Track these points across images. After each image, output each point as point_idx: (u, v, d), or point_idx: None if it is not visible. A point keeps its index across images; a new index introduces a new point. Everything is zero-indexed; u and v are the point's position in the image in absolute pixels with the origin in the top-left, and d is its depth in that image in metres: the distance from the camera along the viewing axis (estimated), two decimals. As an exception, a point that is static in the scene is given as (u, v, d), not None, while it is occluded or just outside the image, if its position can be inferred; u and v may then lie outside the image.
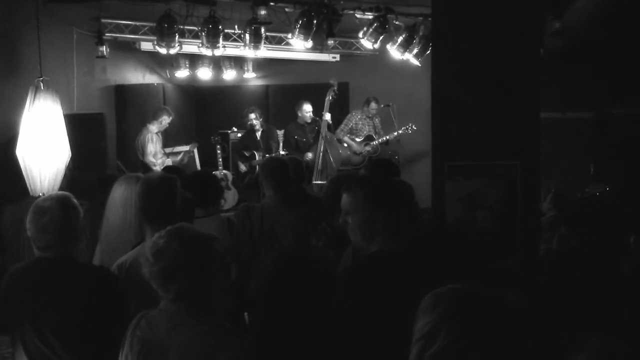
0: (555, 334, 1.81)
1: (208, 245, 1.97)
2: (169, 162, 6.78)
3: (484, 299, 1.29)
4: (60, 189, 4.74)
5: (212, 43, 6.18)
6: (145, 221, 2.64)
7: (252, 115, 6.98)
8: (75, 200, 2.38)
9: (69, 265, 2.33)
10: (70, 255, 2.34)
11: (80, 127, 5.81)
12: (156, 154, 6.71)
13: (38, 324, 2.24)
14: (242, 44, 6.69)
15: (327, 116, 7.02)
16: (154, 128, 6.74)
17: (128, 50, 7.30)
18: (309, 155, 6.97)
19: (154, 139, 6.71)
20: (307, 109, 7.10)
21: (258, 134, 7.06)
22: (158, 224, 2.50)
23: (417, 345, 1.27)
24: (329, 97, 7.07)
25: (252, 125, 7.02)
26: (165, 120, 6.80)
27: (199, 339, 1.88)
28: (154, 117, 6.82)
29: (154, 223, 2.54)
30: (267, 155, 6.70)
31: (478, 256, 3.05)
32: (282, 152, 6.91)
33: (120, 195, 2.91)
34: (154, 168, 6.47)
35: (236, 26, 6.62)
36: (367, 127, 7.52)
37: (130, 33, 6.73)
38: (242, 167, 7.05)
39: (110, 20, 6.55)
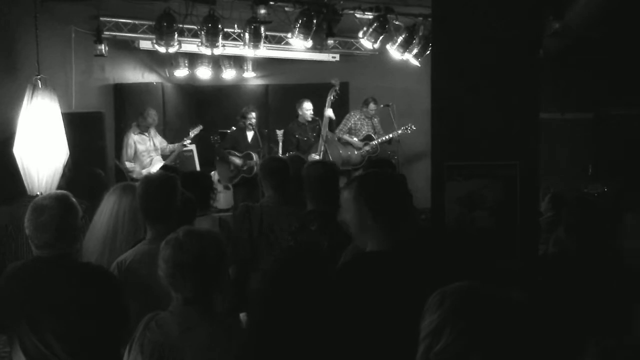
0: (560, 334, 1.81)
1: (220, 248, 1.98)
2: (158, 159, 6.73)
3: (489, 296, 1.29)
4: (59, 187, 4.73)
5: (212, 42, 6.17)
6: (145, 220, 2.63)
7: (253, 114, 6.95)
8: (74, 199, 2.38)
9: (67, 264, 2.32)
10: (68, 254, 2.33)
11: (79, 126, 5.80)
12: (138, 155, 6.65)
13: (36, 323, 2.23)
14: (242, 43, 6.68)
15: (329, 112, 6.99)
16: (135, 129, 6.69)
17: (127, 48, 7.29)
18: (315, 157, 6.91)
19: (131, 142, 6.64)
20: (307, 107, 7.06)
21: (250, 135, 7.01)
22: (158, 223, 2.50)
23: (424, 344, 1.27)
24: (330, 97, 7.06)
25: (252, 125, 6.98)
26: (143, 120, 6.66)
27: (212, 340, 1.87)
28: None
29: (154, 222, 2.53)
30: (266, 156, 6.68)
31: (477, 256, 3.05)
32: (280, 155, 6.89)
33: (109, 202, 2.93)
34: (129, 174, 6.42)
35: (236, 25, 6.61)
36: (366, 127, 7.52)
37: (129, 32, 6.72)
38: (237, 161, 6.94)
39: (109, 19, 6.54)
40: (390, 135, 7.32)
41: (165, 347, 1.89)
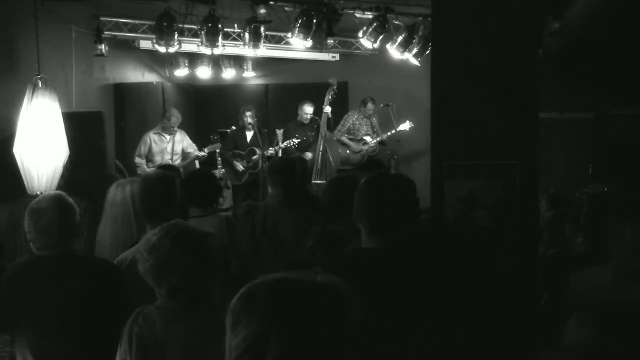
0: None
1: (201, 242, 1.94)
2: (168, 162, 6.75)
3: (300, 288, 1.10)
4: (58, 187, 4.73)
5: (212, 42, 6.17)
6: (144, 218, 2.64)
7: (249, 114, 6.96)
8: (69, 199, 2.38)
9: (68, 259, 2.33)
10: (69, 251, 2.34)
11: (79, 125, 5.79)
12: (153, 154, 6.73)
13: (39, 320, 2.24)
14: (242, 42, 6.68)
15: (327, 109, 7.01)
16: (157, 129, 6.77)
17: (127, 48, 7.29)
18: (308, 155, 6.97)
19: (147, 140, 6.74)
20: (307, 110, 7.11)
21: (250, 134, 7.02)
22: (156, 222, 2.49)
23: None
24: (328, 97, 7.09)
25: (251, 124, 6.99)
26: (167, 121, 6.75)
27: (194, 335, 1.87)
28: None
29: (153, 220, 2.54)
30: (266, 152, 6.74)
31: (476, 255, 3.05)
32: (282, 145, 6.89)
33: (114, 198, 2.93)
34: (137, 169, 6.57)
35: (236, 25, 6.61)
36: (364, 126, 7.53)
37: (129, 31, 6.72)
38: (240, 167, 6.99)
39: (109, 19, 6.55)
40: (389, 134, 7.34)
41: (150, 342, 1.88)
